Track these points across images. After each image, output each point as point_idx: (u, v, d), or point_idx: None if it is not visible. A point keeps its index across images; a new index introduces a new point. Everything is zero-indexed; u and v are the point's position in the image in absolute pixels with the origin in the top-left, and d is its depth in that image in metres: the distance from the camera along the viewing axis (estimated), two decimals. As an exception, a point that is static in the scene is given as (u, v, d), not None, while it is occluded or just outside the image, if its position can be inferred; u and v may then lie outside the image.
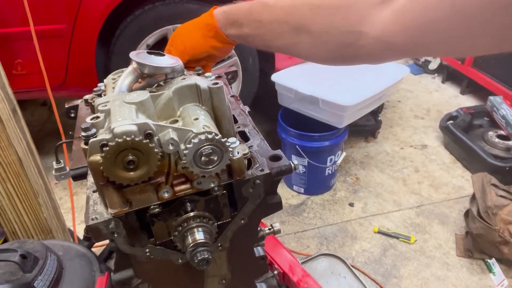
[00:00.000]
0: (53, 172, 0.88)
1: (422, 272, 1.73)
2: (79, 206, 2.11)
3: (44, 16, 1.77)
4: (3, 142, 1.27)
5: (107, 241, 1.68)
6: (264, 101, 2.33)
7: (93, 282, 1.20)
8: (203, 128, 0.52)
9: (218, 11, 0.75)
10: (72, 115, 0.84)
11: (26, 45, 1.83)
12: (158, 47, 2.00)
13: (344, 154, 2.14)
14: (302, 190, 2.16)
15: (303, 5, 0.62)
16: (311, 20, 0.61)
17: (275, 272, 1.18)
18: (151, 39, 1.94)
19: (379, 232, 1.91)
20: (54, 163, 0.89)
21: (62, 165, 0.89)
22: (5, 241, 1.45)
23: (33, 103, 3.12)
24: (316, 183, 2.13)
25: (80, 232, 1.85)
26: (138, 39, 1.92)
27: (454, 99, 3.04)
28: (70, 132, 0.86)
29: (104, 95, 0.68)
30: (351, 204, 2.10)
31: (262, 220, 0.90)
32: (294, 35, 0.65)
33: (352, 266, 1.71)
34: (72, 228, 1.76)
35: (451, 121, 2.42)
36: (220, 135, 0.52)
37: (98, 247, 1.74)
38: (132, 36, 1.91)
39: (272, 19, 0.67)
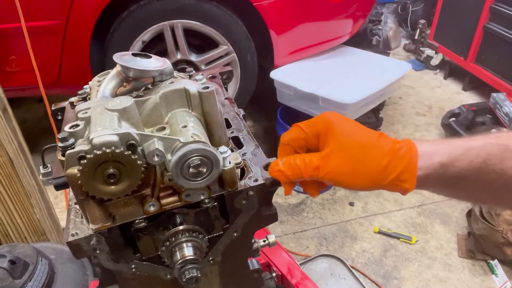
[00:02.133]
0: (40, 177, 0.85)
1: (423, 273, 1.70)
2: (75, 206, 2.08)
3: (36, 12, 1.73)
4: (-7, 143, 1.24)
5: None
6: (262, 99, 2.30)
7: (86, 286, 1.17)
8: (192, 137, 0.48)
9: (427, 165, 0.47)
10: (59, 117, 0.80)
11: (19, 42, 1.78)
12: (154, 44, 1.96)
13: (344, 152, 2.10)
14: (301, 189, 2.12)
15: None
16: None
17: (273, 274, 1.15)
18: (146, 35, 1.89)
19: (380, 232, 1.88)
20: (41, 167, 0.85)
21: (49, 169, 0.85)
22: (-2, 243, 1.42)
23: (29, 99, 3.08)
24: (316, 182, 2.09)
25: (75, 233, 1.82)
26: (134, 35, 1.87)
27: (457, 96, 2.99)
28: (57, 136, 0.82)
29: (89, 98, 0.64)
30: (351, 204, 2.06)
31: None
32: None
33: (352, 267, 1.68)
34: (67, 229, 1.73)
35: (453, 119, 2.38)
36: (209, 145, 0.48)
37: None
38: (127, 32, 1.87)
39: None
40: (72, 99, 0.72)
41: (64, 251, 1.28)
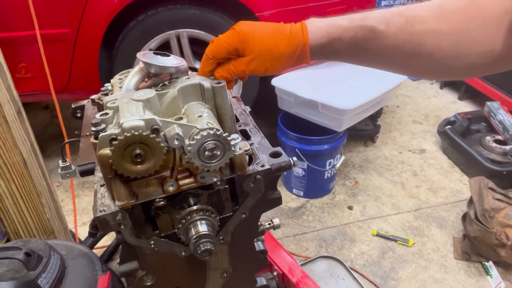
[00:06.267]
0: (59, 170, 0.91)
1: (420, 274, 1.74)
2: (80, 208, 2.13)
3: (48, 20, 1.81)
4: (8, 143, 1.29)
5: (108, 243, 1.69)
6: (264, 105, 2.36)
7: (95, 281, 1.22)
8: (207, 124, 0.55)
9: (315, 45, 0.64)
10: (79, 115, 0.86)
11: (30, 49, 1.86)
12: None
13: (343, 158, 2.16)
14: (301, 193, 2.18)
15: (426, 32, 0.58)
16: (435, 47, 0.58)
17: (275, 273, 1.20)
18: (153, 43, 1.97)
19: (378, 235, 1.93)
20: (60, 161, 0.91)
21: (68, 163, 0.91)
22: (8, 241, 1.47)
23: (35, 106, 3.15)
24: (316, 186, 2.15)
25: (81, 234, 1.87)
26: (141, 43, 1.95)
27: (452, 105, 3.07)
28: (76, 132, 0.89)
29: (111, 94, 0.70)
30: (350, 207, 2.12)
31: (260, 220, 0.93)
32: (408, 60, 0.61)
33: (351, 268, 1.73)
34: (73, 230, 1.77)
35: (449, 126, 2.45)
36: (222, 131, 0.54)
37: (99, 249, 1.76)
38: (135, 40, 1.94)
39: (383, 46, 0.61)
40: (93, 96, 0.79)
41: (74, 248, 1.33)
